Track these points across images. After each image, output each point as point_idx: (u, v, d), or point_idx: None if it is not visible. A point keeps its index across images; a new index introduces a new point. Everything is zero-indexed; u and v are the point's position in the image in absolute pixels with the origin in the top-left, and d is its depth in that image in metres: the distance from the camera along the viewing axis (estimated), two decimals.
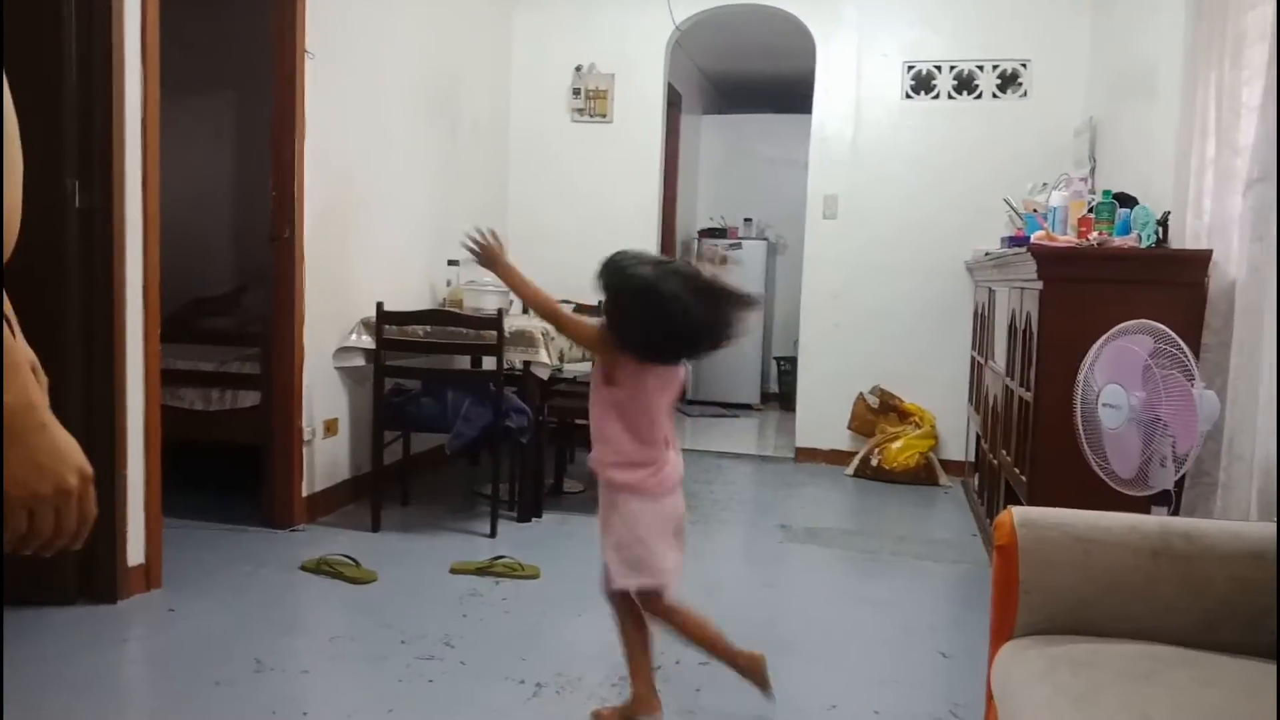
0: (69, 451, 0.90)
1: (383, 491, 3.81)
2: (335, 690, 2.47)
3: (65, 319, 2.80)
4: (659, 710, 2.23)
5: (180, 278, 3.63)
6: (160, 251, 3.01)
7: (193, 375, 3.88)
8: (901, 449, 4.98)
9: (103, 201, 2.82)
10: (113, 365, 2.87)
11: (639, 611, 2.20)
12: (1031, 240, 3.28)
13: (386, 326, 3.73)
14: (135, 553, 2.96)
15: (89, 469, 0.92)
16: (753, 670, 2.29)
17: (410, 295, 4.41)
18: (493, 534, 3.70)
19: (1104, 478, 2.52)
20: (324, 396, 3.89)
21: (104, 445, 2.87)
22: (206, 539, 3.51)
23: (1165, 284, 2.88)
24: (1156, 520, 1.80)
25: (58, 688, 2.34)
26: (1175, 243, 3.03)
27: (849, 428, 5.31)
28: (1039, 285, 3.02)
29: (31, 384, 0.89)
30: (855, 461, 5.13)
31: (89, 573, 2.87)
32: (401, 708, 2.31)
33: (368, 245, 4.15)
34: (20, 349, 0.91)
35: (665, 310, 1.99)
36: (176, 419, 3.50)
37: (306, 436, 3.76)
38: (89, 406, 2.85)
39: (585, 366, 4.84)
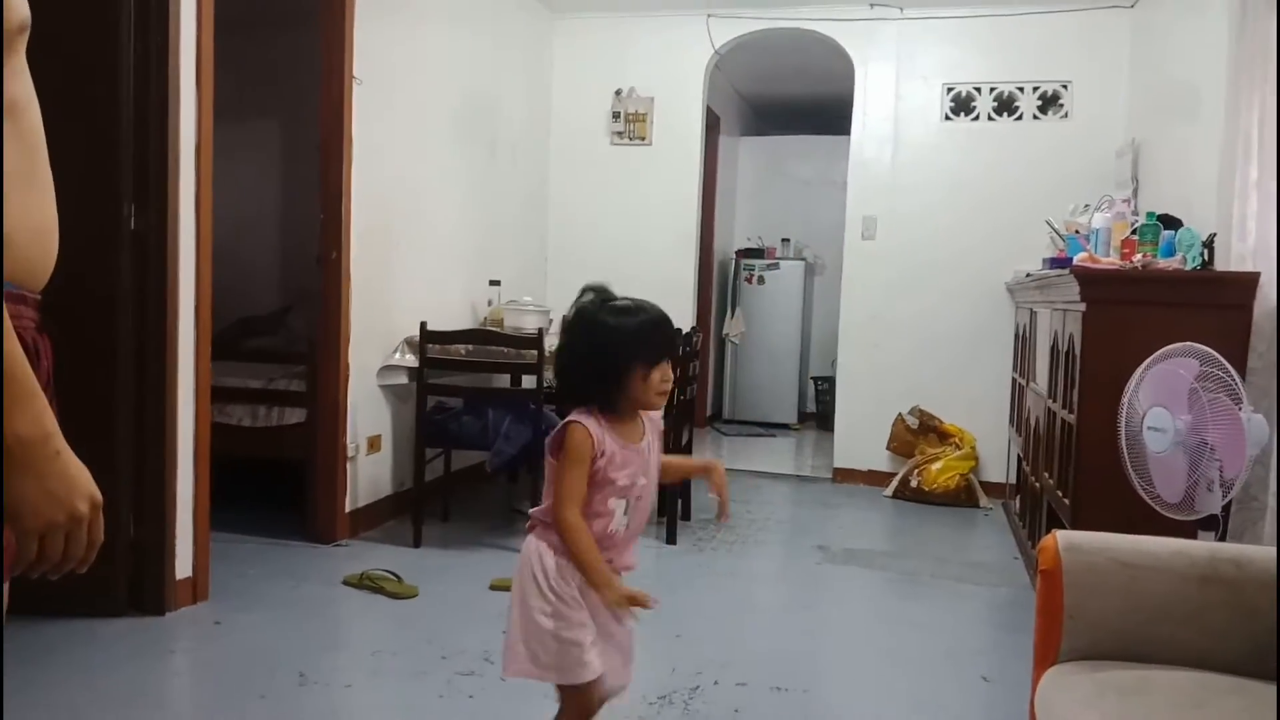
0: (80, 479, 0.92)
1: (424, 508, 3.85)
2: (377, 705, 2.50)
3: (119, 338, 2.88)
4: None
5: (227, 298, 3.71)
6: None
7: (240, 392, 3.96)
8: (941, 470, 4.95)
9: (157, 224, 2.90)
10: (164, 383, 2.94)
11: None
12: (1075, 262, 3.26)
13: (429, 345, 3.78)
14: (183, 566, 3.02)
15: (99, 496, 0.94)
16: None
17: (452, 314, 4.47)
18: None
19: (1149, 502, 2.49)
20: (368, 414, 3.95)
21: (154, 461, 2.94)
22: (252, 553, 3.57)
23: (1210, 307, 2.85)
24: (1205, 546, 1.78)
25: (105, 699, 2.39)
26: (1220, 265, 3.00)
27: (888, 448, 5.29)
28: (1082, 307, 3.00)
29: (47, 413, 0.90)
30: (894, 482, 5.10)
31: (138, 586, 2.94)
32: None
33: (410, 266, 4.22)
34: (33, 377, 0.91)
35: None
36: (224, 435, 3.57)
37: (350, 453, 3.82)
38: (140, 423, 2.92)
39: None
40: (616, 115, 5.57)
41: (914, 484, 5.01)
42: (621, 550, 1.76)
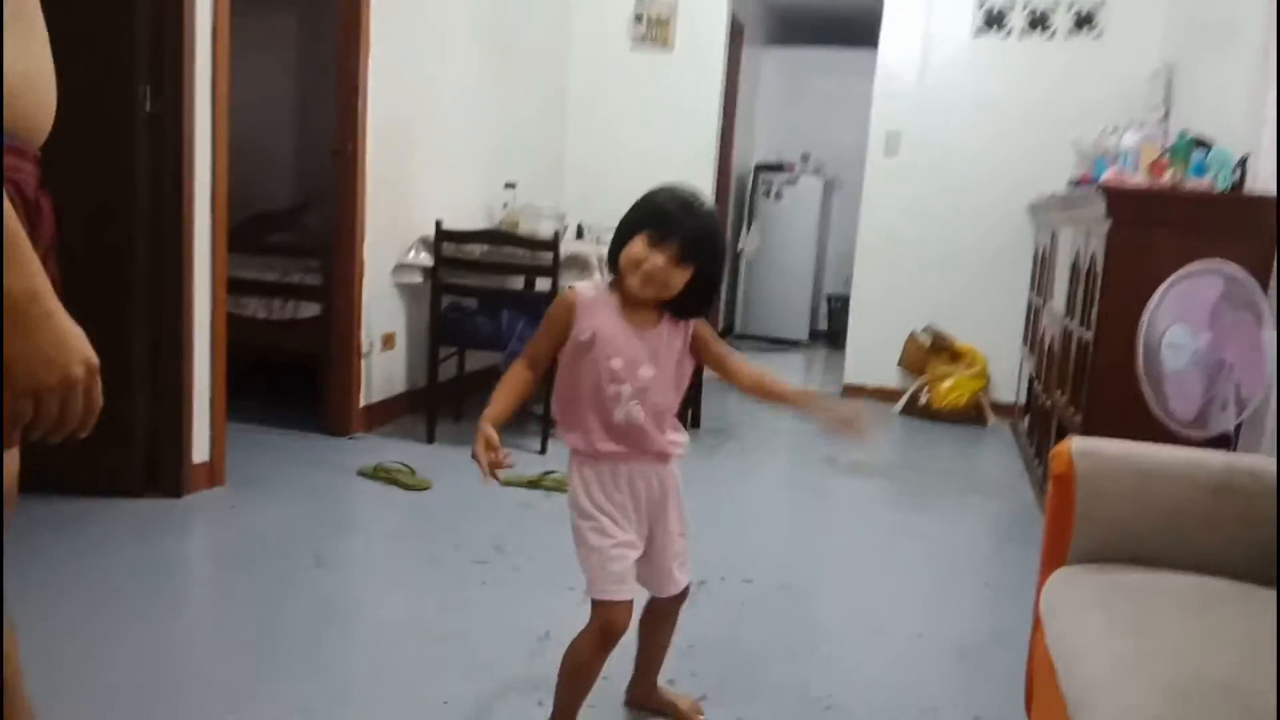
0: (74, 341, 0.89)
1: (437, 406, 3.89)
2: (390, 587, 2.56)
3: (133, 221, 2.86)
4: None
5: (242, 193, 3.66)
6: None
7: (256, 285, 3.96)
8: (951, 388, 4.96)
9: (173, 107, 2.86)
10: (180, 267, 2.93)
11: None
12: (1102, 179, 3.21)
13: (444, 244, 3.76)
14: (200, 450, 3.06)
15: (95, 359, 0.91)
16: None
17: (467, 215, 4.44)
18: (543, 450, 3.76)
19: (1163, 418, 2.50)
20: (382, 311, 3.96)
21: (171, 344, 2.95)
22: (268, 443, 3.62)
23: (1238, 229, 2.81)
24: (1221, 455, 1.79)
25: (122, 572, 2.45)
26: (1251, 188, 2.95)
27: (899, 365, 5.29)
28: (1107, 225, 2.96)
29: (37, 270, 0.87)
30: (903, 399, 5.12)
31: (156, 467, 2.98)
32: (455, 606, 2.39)
33: (427, 164, 4.17)
34: (23, 234, 0.87)
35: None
36: (239, 327, 3.57)
37: (365, 349, 3.83)
38: (156, 308, 2.93)
39: None
40: (639, 18, 5.44)
41: (923, 401, 5.02)
42: (645, 440, 1.68)
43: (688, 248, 1.60)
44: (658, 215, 1.61)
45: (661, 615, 1.88)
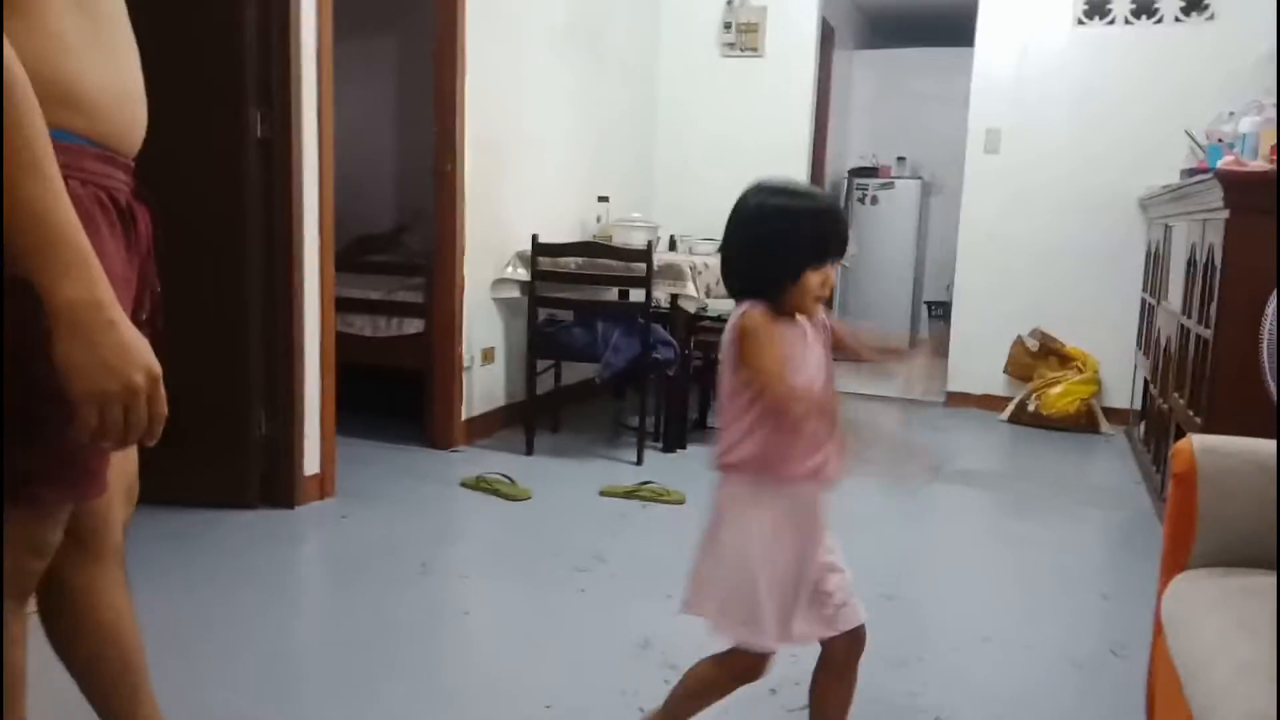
0: (136, 350, 0.91)
1: (535, 418, 3.94)
2: (494, 593, 2.60)
3: (247, 244, 2.99)
4: None
5: (344, 217, 3.77)
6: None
7: (361, 303, 4.08)
8: (1061, 394, 4.78)
9: (281, 131, 2.99)
10: (290, 288, 3.05)
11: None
12: (1218, 166, 3.06)
13: (540, 258, 3.83)
14: (311, 464, 3.17)
15: (157, 368, 0.93)
16: None
17: (562, 229, 4.50)
18: (639, 462, 3.77)
19: None
20: (482, 326, 4.04)
21: (283, 362, 3.07)
22: (374, 456, 3.72)
23: None
24: None
25: (241, 578, 2.55)
26: None
27: (1005, 372, 5.13)
28: (1225, 215, 2.82)
29: (100, 279, 0.88)
30: (1011, 406, 4.96)
31: (270, 480, 3.10)
32: (556, 611, 2.41)
33: (523, 181, 4.25)
34: (88, 245, 0.89)
35: None
36: (346, 344, 3.69)
37: (465, 363, 3.92)
38: (269, 328, 3.05)
39: (728, 304, 4.84)
40: (728, 25, 5.44)
41: (1031, 408, 4.86)
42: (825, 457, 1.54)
43: (830, 249, 1.50)
44: (837, 235, 1.51)
45: None
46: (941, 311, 6.65)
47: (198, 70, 2.86)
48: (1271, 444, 1.71)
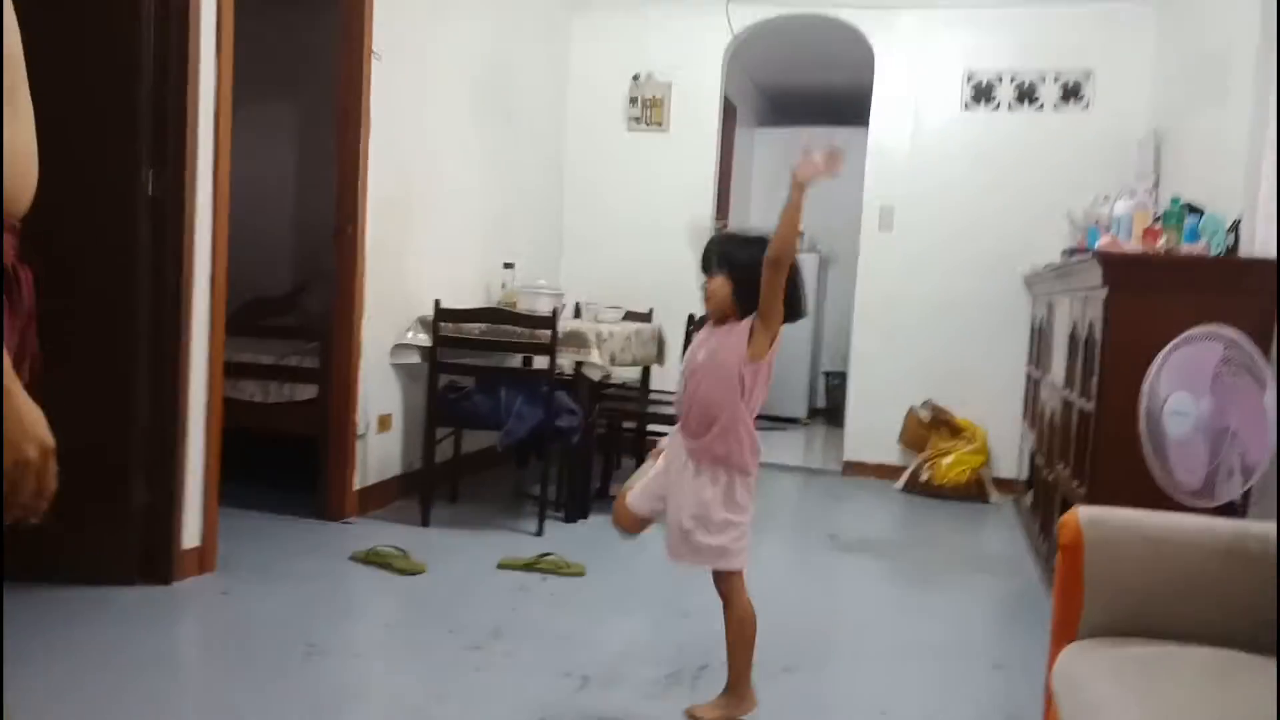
0: (30, 422, 0.86)
1: (433, 488, 3.84)
2: (385, 675, 2.49)
3: (136, 305, 2.86)
4: (755, 706, 2.23)
5: (240, 278, 3.67)
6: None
7: (252, 368, 3.95)
8: (953, 464, 4.91)
9: (174, 190, 2.89)
10: (178, 352, 2.93)
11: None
12: (1097, 246, 3.22)
13: (443, 323, 3.77)
14: (191, 536, 3.00)
15: (50, 441, 0.88)
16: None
17: (466, 294, 4.45)
18: (540, 533, 3.70)
19: (1169, 488, 2.46)
20: (379, 392, 3.94)
21: (167, 428, 2.92)
22: (260, 527, 3.56)
23: (1235, 292, 2.80)
24: (1230, 523, 1.76)
25: (113, 665, 2.37)
26: (1245, 252, 2.96)
27: (900, 441, 5.25)
28: (1104, 293, 2.96)
29: None
30: (905, 476, 5.06)
31: (148, 553, 2.92)
32: (450, 695, 2.31)
33: (426, 244, 4.20)
34: None
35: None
36: (235, 410, 3.55)
37: (360, 431, 3.80)
38: (154, 391, 2.91)
39: (633, 372, 4.84)
40: (634, 100, 5.55)
41: (924, 478, 4.97)
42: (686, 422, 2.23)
43: (707, 263, 2.19)
44: (704, 254, 2.20)
45: None
46: (838, 381, 6.79)
47: (90, 127, 2.75)
48: (1152, 514, 1.77)
